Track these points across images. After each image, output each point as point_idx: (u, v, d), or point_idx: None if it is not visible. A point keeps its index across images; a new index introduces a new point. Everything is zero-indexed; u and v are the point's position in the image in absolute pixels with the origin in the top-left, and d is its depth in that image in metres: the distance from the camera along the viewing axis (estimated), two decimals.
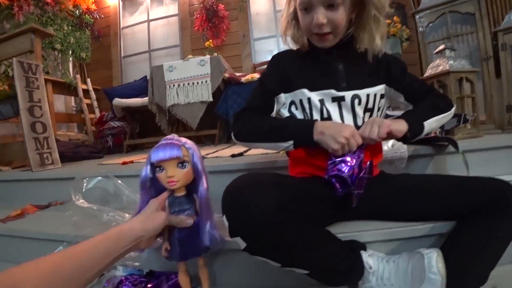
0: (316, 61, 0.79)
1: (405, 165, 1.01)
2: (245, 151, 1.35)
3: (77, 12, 3.34)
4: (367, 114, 0.76)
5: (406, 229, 0.72)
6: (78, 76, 3.23)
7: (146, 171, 0.64)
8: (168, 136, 0.66)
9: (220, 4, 3.20)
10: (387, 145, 0.98)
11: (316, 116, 0.75)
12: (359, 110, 0.75)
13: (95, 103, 3.25)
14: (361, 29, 0.73)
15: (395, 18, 2.70)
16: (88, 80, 3.33)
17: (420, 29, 1.85)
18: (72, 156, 2.02)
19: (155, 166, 0.62)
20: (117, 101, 2.47)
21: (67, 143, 2.37)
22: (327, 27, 0.69)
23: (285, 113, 0.81)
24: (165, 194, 0.65)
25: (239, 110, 0.80)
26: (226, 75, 2.18)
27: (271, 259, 0.57)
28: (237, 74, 2.34)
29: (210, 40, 3.02)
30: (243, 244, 0.54)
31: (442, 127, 1.11)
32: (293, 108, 0.79)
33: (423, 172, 1.05)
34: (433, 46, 1.79)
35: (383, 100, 0.78)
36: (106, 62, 3.59)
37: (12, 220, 1.16)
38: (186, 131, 2.36)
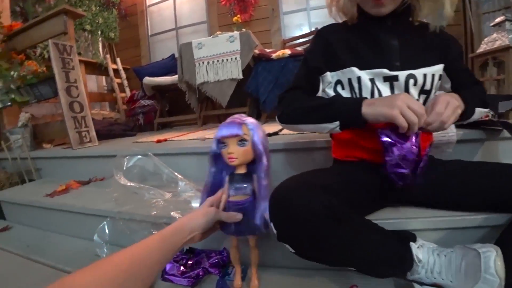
0: (366, 35, 0.71)
1: (452, 150, 0.93)
2: (280, 130, 1.31)
3: None
4: (423, 96, 0.68)
5: (458, 218, 0.67)
6: (108, 56, 3.29)
7: (213, 146, 0.67)
8: (236, 115, 0.68)
9: None
10: None
11: (366, 96, 0.68)
12: (414, 92, 0.67)
13: (125, 82, 3.32)
14: None
15: None
16: (118, 59, 3.38)
17: None
18: (107, 134, 2.08)
19: (221, 142, 0.65)
20: (147, 79, 2.49)
21: (101, 121, 2.44)
22: None
23: (331, 92, 0.74)
24: (219, 193, 0.67)
25: (283, 91, 0.75)
26: (256, 51, 2.10)
27: (320, 262, 0.58)
28: (267, 50, 2.25)
29: (238, 15, 2.90)
30: (291, 249, 0.55)
31: (495, 109, 1.00)
32: (339, 88, 0.73)
33: (470, 159, 0.96)
34: (488, 18, 1.59)
35: (439, 82, 0.70)
36: (134, 41, 3.61)
37: (59, 195, 1.22)
38: (215, 109, 2.34)
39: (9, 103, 1.85)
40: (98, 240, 0.87)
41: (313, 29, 2.93)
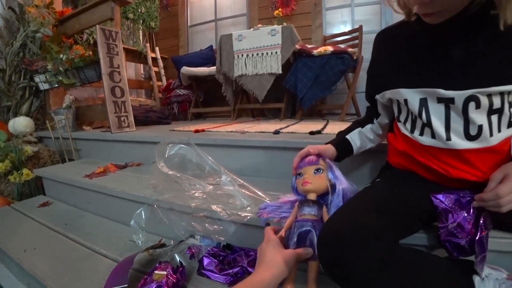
0: (424, 46, 0.60)
1: None
2: (323, 129, 1.24)
3: None
4: (494, 116, 0.55)
5: None
6: (147, 44, 3.36)
7: (293, 179, 0.70)
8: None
9: None
10: None
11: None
12: (478, 116, 0.54)
13: (162, 71, 3.38)
14: None
15: None
16: (157, 48, 3.45)
17: None
18: (143, 120, 2.12)
19: (297, 174, 0.69)
20: (185, 69, 2.50)
21: (138, 107, 2.49)
22: (431, 6, 0.50)
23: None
24: (282, 231, 0.63)
25: None
26: (298, 46, 2.03)
27: None
28: (308, 46, 2.17)
29: (280, 9, 2.84)
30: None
31: None
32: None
33: None
34: None
35: None
36: (173, 31, 3.66)
37: (97, 177, 1.24)
38: (250, 103, 2.30)
39: (56, 85, 1.93)
40: (134, 226, 0.86)
41: (356, 26, 2.80)
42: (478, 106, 0.53)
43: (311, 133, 1.12)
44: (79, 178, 1.22)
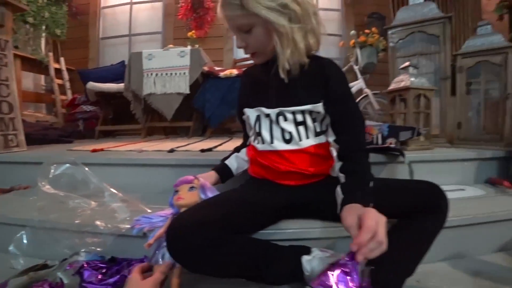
0: (256, 79, 0.86)
1: None
2: (215, 147, 1.40)
3: None
4: (301, 127, 0.78)
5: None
6: (51, 54, 3.08)
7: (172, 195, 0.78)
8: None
9: None
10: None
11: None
12: (287, 125, 0.78)
13: (68, 84, 3.13)
14: (281, 46, 0.71)
15: (373, 29, 2.83)
16: (62, 59, 3.19)
17: (391, 44, 1.95)
18: (39, 139, 1.96)
19: (175, 191, 0.77)
20: (91, 85, 2.40)
21: (35, 124, 2.29)
22: (249, 49, 0.76)
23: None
24: (151, 240, 0.71)
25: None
26: (206, 68, 2.20)
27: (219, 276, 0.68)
28: (217, 68, 2.35)
29: (193, 31, 2.99)
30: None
31: (397, 137, 1.22)
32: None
33: None
34: (401, 61, 1.89)
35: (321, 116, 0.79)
36: (82, 42, 3.46)
37: None
38: (161, 121, 2.35)
39: None
40: (14, 251, 0.84)
41: None
42: (285, 119, 0.78)
43: (202, 150, 1.26)
44: None
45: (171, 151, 1.28)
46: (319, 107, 0.76)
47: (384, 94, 2.24)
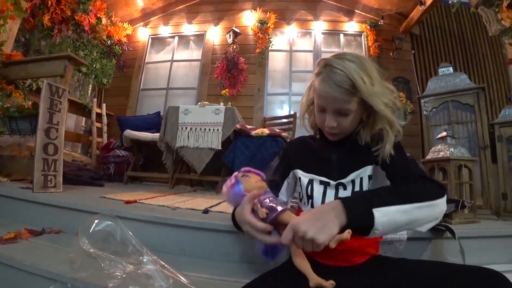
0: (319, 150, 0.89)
1: (403, 247, 1.03)
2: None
3: (108, 42, 3.59)
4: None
5: None
6: (95, 99, 3.36)
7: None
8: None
9: (241, 58, 3.46)
10: None
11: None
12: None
13: (105, 128, 3.34)
14: (367, 128, 0.80)
15: (401, 93, 2.95)
16: (104, 104, 3.46)
17: (425, 112, 1.99)
18: (73, 179, 2.03)
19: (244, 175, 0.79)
20: (128, 132, 2.55)
21: (70, 164, 2.39)
22: (337, 129, 0.78)
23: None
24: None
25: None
26: (238, 126, 2.29)
27: None
28: (248, 126, 2.45)
29: (227, 89, 3.20)
30: None
31: None
32: None
33: (420, 256, 1.07)
34: (435, 130, 1.90)
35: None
36: (124, 91, 3.76)
37: (4, 244, 1.13)
38: (190, 173, 2.40)
39: None
40: None
41: (292, 112, 3.27)
42: (345, 188, 0.79)
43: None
44: None
45: (206, 211, 1.28)
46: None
47: (418, 160, 2.22)
